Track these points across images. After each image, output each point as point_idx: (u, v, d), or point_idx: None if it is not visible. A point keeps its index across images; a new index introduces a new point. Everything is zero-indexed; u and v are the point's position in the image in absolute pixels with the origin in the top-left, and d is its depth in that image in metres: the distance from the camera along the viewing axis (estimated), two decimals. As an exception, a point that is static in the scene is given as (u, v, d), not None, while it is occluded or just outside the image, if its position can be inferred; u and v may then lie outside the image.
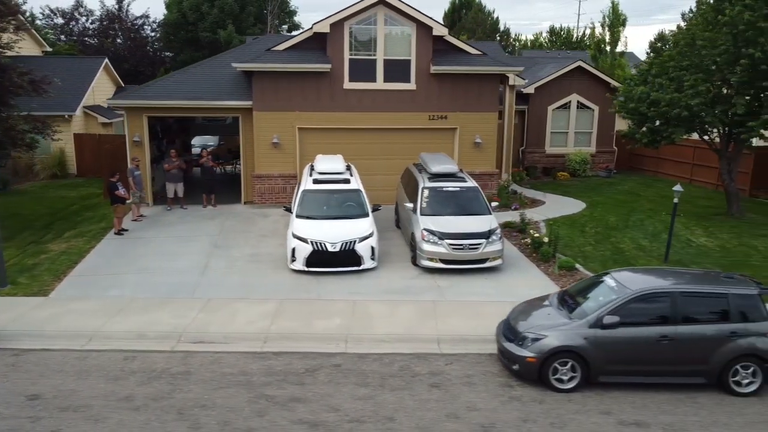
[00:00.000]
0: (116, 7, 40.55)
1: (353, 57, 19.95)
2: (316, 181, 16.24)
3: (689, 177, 26.67)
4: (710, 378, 9.26)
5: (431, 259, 14.47)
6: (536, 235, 16.26)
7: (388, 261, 15.43)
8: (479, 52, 21.01)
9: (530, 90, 27.51)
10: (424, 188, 15.86)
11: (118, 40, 41.43)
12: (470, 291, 13.57)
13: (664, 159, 28.17)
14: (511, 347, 9.61)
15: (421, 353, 10.68)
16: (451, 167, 16.62)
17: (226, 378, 9.68)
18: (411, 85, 20.35)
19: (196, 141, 31.01)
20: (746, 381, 9.25)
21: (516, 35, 64.72)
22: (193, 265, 14.95)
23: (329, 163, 17.09)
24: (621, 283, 9.72)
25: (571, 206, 21.42)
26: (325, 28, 19.47)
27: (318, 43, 19.96)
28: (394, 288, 13.69)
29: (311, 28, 19.73)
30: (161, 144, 23.40)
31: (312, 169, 17.06)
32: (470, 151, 21.12)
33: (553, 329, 9.42)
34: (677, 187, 15.17)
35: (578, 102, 28.07)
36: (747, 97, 18.06)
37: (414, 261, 14.98)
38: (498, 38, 50.52)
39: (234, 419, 8.49)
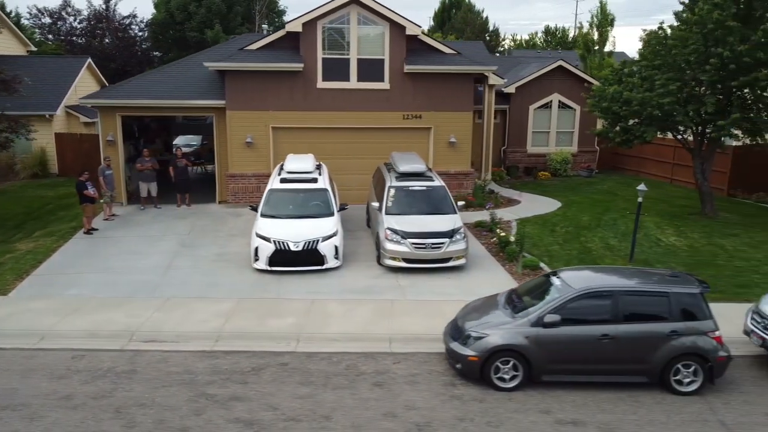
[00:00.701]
0: (103, 6, 40.52)
1: (326, 56, 19.94)
2: (283, 181, 16.25)
3: (670, 177, 26.69)
4: (652, 377, 9.25)
5: (394, 258, 14.47)
6: (502, 234, 16.25)
7: (355, 260, 15.42)
8: (454, 52, 21.00)
9: (511, 90, 27.51)
10: (390, 187, 15.86)
11: (106, 40, 41.41)
12: (431, 290, 13.55)
13: (646, 159, 28.19)
14: (455, 346, 9.61)
15: (371, 352, 10.66)
16: (418, 166, 16.61)
17: (170, 377, 9.68)
18: (385, 85, 20.34)
19: (179, 141, 31.03)
20: (687, 380, 9.23)
21: (512, 35, 64.89)
22: (158, 264, 14.94)
23: (298, 162, 17.09)
24: (565, 282, 9.70)
25: (546, 206, 21.41)
26: (297, 27, 19.47)
27: (292, 43, 19.96)
28: (355, 287, 13.68)
29: (284, 27, 19.71)
30: (139, 143, 23.39)
31: (281, 168, 17.06)
32: (445, 151, 21.11)
33: (495, 328, 9.41)
34: (641, 187, 15.16)
35: (560, 102, 28.06)
36: (719, 96, 18.07)
37: (379, 260, 14.97)
38: (487, 38, 50.45)
39: (170, 418, 8.48)
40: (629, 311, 9.22)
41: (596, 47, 41.22)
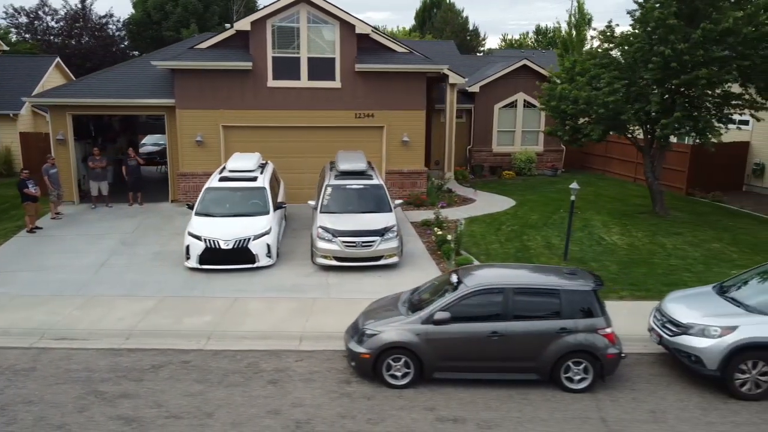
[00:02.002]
0: (79, 6, 40.55)
1: (277, 55, 19.95)
2: (222, 179, 16.29)
3: (633, 176, 26.69)
4: (543, 374, 9.25)
5: (325, 257, 14.48)
6: (439, 232, 16.26)
7: (291, 258, 15.45)
8: (406, 50, 21.00)
9: (475, 89, 27.50)
10: (327, 186, 15.89)
11: (84, 39, 41.44)
12: (358, 288, 13.55)
13: (611, 158, 28.21)
14: (352, 344, 9.61)
15: (278, 350, 10.68)
16: (358, 165, 16.61)
17: (67, 374, 9.69)
18: (336, 83, 20.34)
19: (148, 140, 31.06)
20: (578, 377, 9.23)
21: (502, 35, 64.93)
22: (93, 262, 14.95)
23: (241, 161, 17.12)
24: (461, 280, 9.70)
25: (500, 204, 21.42)
26: (246, 26, 19.48)
27: (242, 41, 19.97)
28: (282, 285, 13.69)
29: (233, 26, 19.72)
30: (97, 142, 23.38)
31: (224, 167, 17.08)
32: (398, 150, 21.11)
33: (388, 325, 9.43)
34: (574, 185, 15.16)
35: (525, 101, 28.04)
36: (665, 95, 18.08)
37: (313, 259, 14.98)
38: (468, 38, 50.43)
39: (51, 415, 8.49)
40: (520, 308, 9.22)
41: (573, 47, 41.16)
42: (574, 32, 42.98)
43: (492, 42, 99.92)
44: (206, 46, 20.07)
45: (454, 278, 9.91)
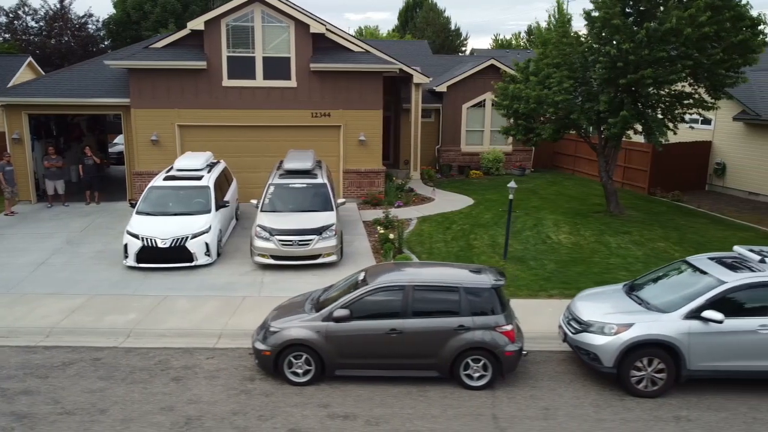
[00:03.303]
0: (58, 5, 40.63)
1: (231, 54, 19.99)
2: (167, 178, 16.33)
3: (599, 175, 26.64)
4: (443, 371, 9.28)
5: (263, 255, 14.52)
6: (382, 231, 16.30)
7: (234, 257, 15.50)
8: (363, 50, 21.03)
9: (443, 88, 27.53)
10: (270, 185, 15.95)
11: (65, 38, 41.52)
12: (292, 287, 13.55)
13: (580, 157, 28.24)
14: (256, 341, 9.66)
15: (193, 348, 10.73)
16: (304, 164, 16.64)
17: (-26, 371, 9.73)
18: (292, 83, 20.38)
19: (120, 139, 31.07)
20: (477, 374, 9.27)
21: (494, 35, 65.01)
22: (33, 261, 14.99)
23: (188, 160, 17.19)
24: (365, 278, 9.74)
25: (458, 203, 21.44)
26: (200, 25, 19.54)
27: (198, 41, 20.02)
28: (217, 284, 13.73)
29: (186, 26, 19.78)
30: (58, 142, 23.43)
31: (172, 166, 17.14)
32: (356, 149, 21.15)
33: (290, 323, 9.47)
34: (511, 184, 15.22)
35: (493, 101, 27.96)
36: (614, 95, 18.09)
37: (252, 257, 15.03)
38: (450, 38, 50.45)
39: (-56, 411, 8.53)
40: (419, 305, 9.26)
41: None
42: (553, 32, 42.97)
43: (485, 42, 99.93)
44: (161, 46, 20.12)
45: (360, 276, 9.95)
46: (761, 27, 16.85)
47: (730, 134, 23.30)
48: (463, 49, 52.78)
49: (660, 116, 18.33)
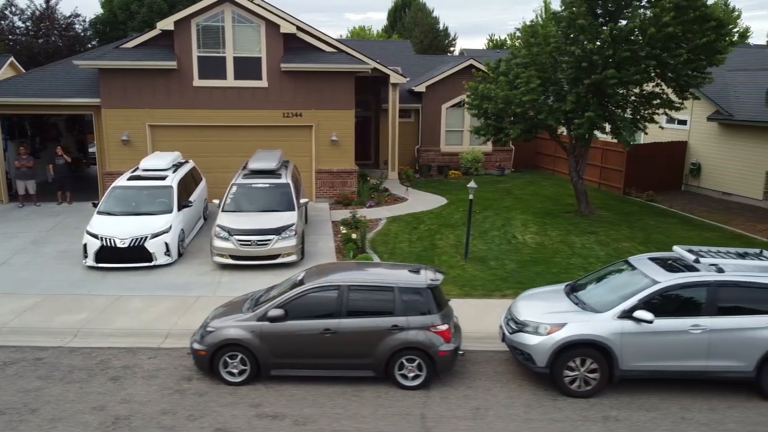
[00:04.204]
0: (44, 5, 40.67)
1: (202, 54, 20.00)
2: (131, 178, 16.36)
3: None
4: (378, 371, 9.29)
5: (221, 255, 14.54)
6: (344, 231, 16.31)
7: (196, 257, 15.53)
8: (335, 50, 21.05)
9: (422, 89, 27.55)
10: (233, 185, 15.99)
11: (52, 38, 41.55)
12: (249, 287, 13.43)
13: (559, 157, 28.21)
14: (194, 341, 9.67)
15: (137, 347, 10.74)
16: (269, 164, 16.65)
17: None
18: (263, 83, 20.40)
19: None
20: (412, 374, 9.28)
21: (489, 35, 65.16)
22: (-5, 260, 15.03)
23: (154, 160, 17.23)
24: (303, 278, 9.76)
25: (430, 203, 21.44)
26: (169, 25, 19.56)
27: (169, 41, 20.03)
28: (174, 284, 13.75)
29: (155, 26, 19.81)
30: (33, 142, 23.47)
31: (137, 166, 17.16)
32: (328, 149, 21.16)
33: (226, 322, 9.48)
34: (471, 184, 15.23)
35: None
36: (583, 95, 18.09)
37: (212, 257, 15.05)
38: (437, 38, 50.43)
39: None
40: (354, 305, 9.27)
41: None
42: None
43: (481, 43, 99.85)
44: (132, 46, 20.15)
45: (299, 276, 9.97)
46: (730, 27, 16.85)
47: (705, 134, 23.31)
48: (452, 49, 52.82)
49: (629, 116, 18.33)
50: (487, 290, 13.41)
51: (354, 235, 15.96)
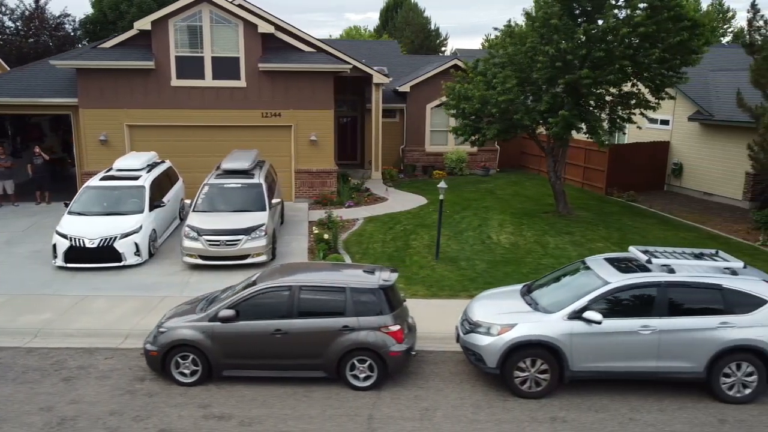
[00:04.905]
0: (33, 5, 40.63)
1: (180, 54, 19.99)
2: (104, 178, 16.35)
3: (563, 175, 26.53)
4: (329, 372, 9.28)
5: (191, 255, 14.54)
6: (316, 231, 16.31)
7: (168, 257, 15.53)
8: (314, 50, 21.03)
9: (406, 89, 27.51)
10: (204, 185, 15.99)
11: (43, 38, 41.52)
12: (216, 287, 13.26)
13: (544, 158, 28.12)
14: (147, 341, 9.66)
15: (96, 347, 10.74)
16: (242, 164, 16.63)
17: None
18: (241, 83, 20.38)
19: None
20: (363, 375, 9.26)
21: (485, 35, 65.15)
22: (-35, 261, 15.02)
23: (128, 160, 17.23)
24: (256, 279, 9.75)
25: (410, 203, 21.42)
26: (146, 25, 19.55)
27: (148, 41, 20.01)
28: (142, 284, 13.73)
29: (133, 26, 19.80)
30: (15, 142, 23.47)
31: (111, 166, 17.16)
32: (307, 149, 21.14)
33: (178, 323, 9.47)
34: (441, 185, 15.21)
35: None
36: (554, 95, 18.06)
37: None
38: (428, 38, 50.38)
39: None
40: (305, 306, 9.26)
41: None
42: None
43: (477, 43, 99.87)
44: (110, 46, 20.14)
45: (253, 277, 9.95)
46: (704, 27, 16.84)
47: (687, 134, 23.28)
48: (443, 49, 52.79)
49: (606, 116, 18.31)
50: (454, 291, 13.39)
51: (326, 236, 15.95)
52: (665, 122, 24.30)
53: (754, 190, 20.52)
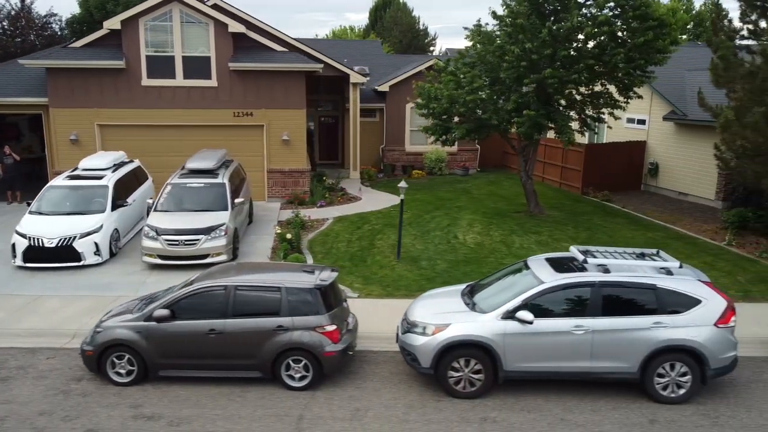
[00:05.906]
0: (18, 5, 40.61)
1: (150, 53, 19.96)
2: (69, 177, 16.33)
3: (541, 175, 26.60)
4: (265, 372, 9.25)
5: (150, 255, 14.51)
6: (278, 231, 16.28)
7: (130, 257, 15.48)
8: (284, 49, 21.02)
9: (385, 88, 27.47)
10: (167, 184, 15.96)
11: (30, 38, 41.50)
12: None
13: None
14: (84, 341, 9.64)
15: (40, 347, 10.71)
16: (206, 164, 16.60)
17: None
18: (212, 82, 20.35)
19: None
20: (299, 375, 9.23)
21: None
22: (-76, 261, 14.99)
23: (94, 159, 17.22)
24: (194, 279, 9.72)
25: (382, 203, 21.38)
26: (116, 24, 19.53)
27: (118, 40, 19.98)
28: (98, 284, 13.71)
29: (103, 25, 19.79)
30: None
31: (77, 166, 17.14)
32: (280, 149, 21.12)
33: (115, 322, 9.44)
34: (402, 184, 15.19)
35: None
36: (522, 94, 18.03)
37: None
38: (416, 37, 50.36)
39: None
40: (241, 306, 9.24)
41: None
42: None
43: (467, 42, 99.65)
44: (80, 45, 20.13)
45: (192, 277, 9.93)
46: (670, 27, 16.81)
47: (662, 134, 23.24)
48: (432, 48, 52.76)
49: (574, 116, 18.28)
50: (410, 291, 13.35)
51: (288, 235, 15.91)
52: (642, 122, 24.26)
53: (726, 190, 20.48)
